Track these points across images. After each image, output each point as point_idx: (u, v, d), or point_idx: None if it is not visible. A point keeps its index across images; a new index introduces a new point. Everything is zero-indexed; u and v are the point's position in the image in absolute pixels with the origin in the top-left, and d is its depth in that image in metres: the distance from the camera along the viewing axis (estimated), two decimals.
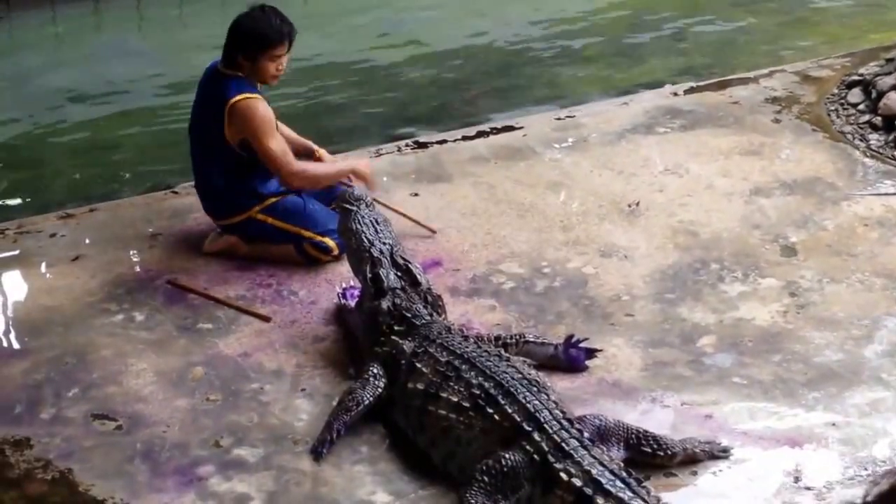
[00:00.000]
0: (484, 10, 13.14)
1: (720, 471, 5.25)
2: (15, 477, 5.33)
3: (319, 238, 6.96)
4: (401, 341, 5.68)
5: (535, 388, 5.16)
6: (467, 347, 5.47)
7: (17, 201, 8.70)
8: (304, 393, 5.88)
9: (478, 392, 5.19)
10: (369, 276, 6.03)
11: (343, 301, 6.46)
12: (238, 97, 6.75)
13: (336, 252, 6.95)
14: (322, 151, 7.43)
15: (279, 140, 6.83)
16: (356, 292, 6.38)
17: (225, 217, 7.08)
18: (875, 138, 8.65)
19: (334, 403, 5.62)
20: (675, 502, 4.80)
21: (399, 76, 11.38)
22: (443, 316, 5.97)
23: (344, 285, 6.60)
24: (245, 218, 7.02)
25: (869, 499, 2.19)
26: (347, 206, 6.36)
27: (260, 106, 6.77)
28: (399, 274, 6.03)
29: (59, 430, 5.62)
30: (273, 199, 7.04)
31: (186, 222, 7.54)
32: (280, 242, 7.01)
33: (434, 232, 7.32)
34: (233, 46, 6.82)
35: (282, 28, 6.77)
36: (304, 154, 7.33)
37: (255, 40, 6.74)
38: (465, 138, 8.86)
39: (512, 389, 5.13)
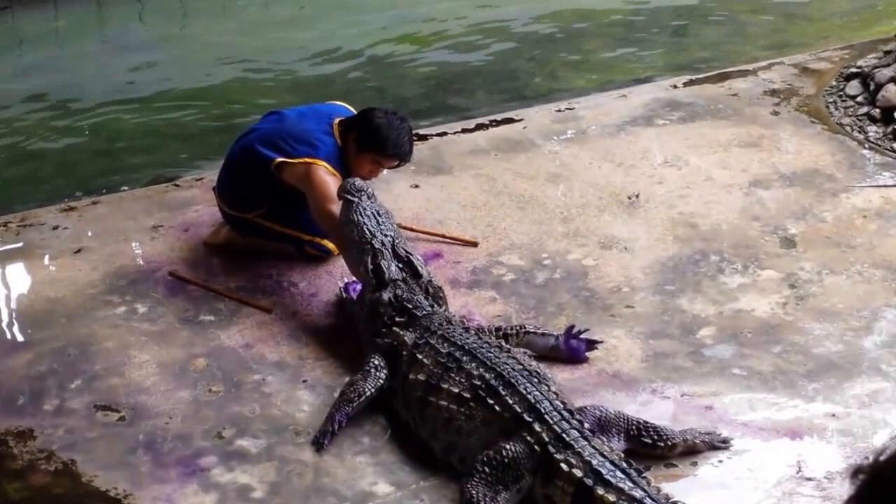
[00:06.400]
0: (484, 3, 13.14)
1: (720, 461, 5.28)
2: (18, 468, 5.35)
3: (319, 241, 6.95)
4: (402, 333, 5.70)
5: (535, 380, 5.18)
6: (468, 339, 5.49)
7: (20, 194, 8.71)
8: (306, 384, 5.90)
9: (479, 383, 5.21)
10: (371, 267, 6.05)
11: (346, 295, 6.49)
12: (321, 163, 6.64)
13: (336, 253, 6.94)
14: None
15: (335, 208, 6.62)
16: (359, 286, 6.40)
17: (227, 204, 7.08)
18: (873, 130, 8.66)
19: (336, 395, 5.65)
20: (675, 493, 4.80)
21: (399, 69, 11.38)
22: (444, 307, 5.98)
23: (346, 280, 6.62)
24: (244, 216, 7.03)
25: (882, 458, 2.20)
26: (349, 196, 6.37)
27: (330, 181, 6.61)
28: (400, 265, 6.04)
29: (63, 422, 5.65)
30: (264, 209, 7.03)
31: (188, 215, 7.55)
32: (279, 242, 7.03)
33: (476, 244, 7.16)
34: (356, 126, 6.75)
35: (403, 150, 6.77)
36: None
37: (375, 141, 6.69)
38: (464, 131, 8.87)
39: (513, 380, 5.15)
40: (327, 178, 6.61)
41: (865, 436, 5.40)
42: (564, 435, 4.91)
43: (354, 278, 6.50)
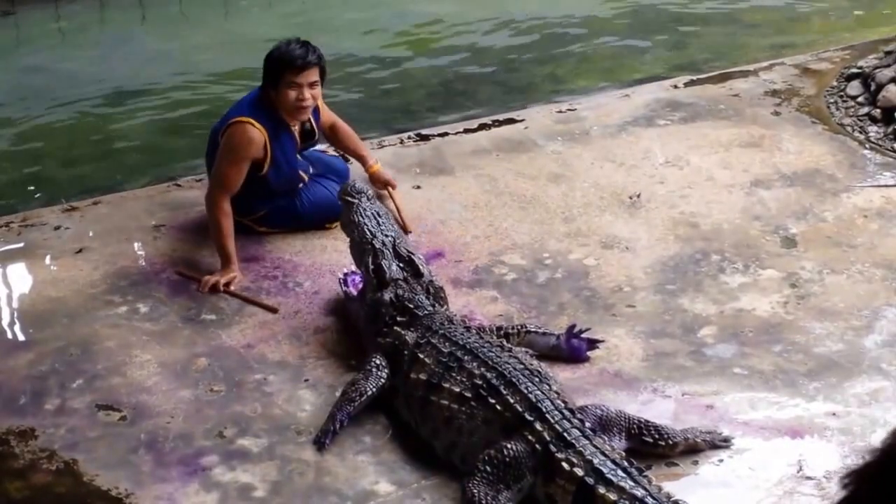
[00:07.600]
0: (485, 4, 13.15)
1: (721, 460, 5.29)
2: (20, 467, 5.36)
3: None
4: (403, 332, 5.71)
5: (536, 379, 5.19)
6: (469, 338, 5.50)
7: (22, 194, 8.72)
8: (308, 383, 5.91)
9: (480, 382, 5.22)
10: (372, 267, 6.06)
11: (344, 288, 6.49)
12: (244, 119, 6.83)
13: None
14: (376, 167, 7.65)
15: (235, 173, 6.84)
16: (357, 279, 6.41)
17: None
18: (874, 130, 8.68)
19: (337, 394, 5.65)
20: (676, 492, 4.81)
21: (402, 70, 11.39)
22: (445, 307, 5.99)
23: (345, 271, 6.62)
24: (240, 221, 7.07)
25: (885, 446, 2.20)
26: (349, 198, 6.39)
27: (239, 132, 6.80)
28: (401, 265, 6.05)
29: (64, 421, 5.65)
30: (263, 212, 7.16)
31: (190, 214, 7.55)
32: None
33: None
34: (263, 76, 6.87)
35: (303, 54, 6.72)
36: (355, 158, 7.66)
37: (273, 65, 6.77)
38: (466, 131, 8.88)
39: (514, 380, 5.16)
40: (234, 136, 6.81)
41: (865, 435, 5.41)
42: (566, 434, 4.91)
43: (353, 269, 6.50)
